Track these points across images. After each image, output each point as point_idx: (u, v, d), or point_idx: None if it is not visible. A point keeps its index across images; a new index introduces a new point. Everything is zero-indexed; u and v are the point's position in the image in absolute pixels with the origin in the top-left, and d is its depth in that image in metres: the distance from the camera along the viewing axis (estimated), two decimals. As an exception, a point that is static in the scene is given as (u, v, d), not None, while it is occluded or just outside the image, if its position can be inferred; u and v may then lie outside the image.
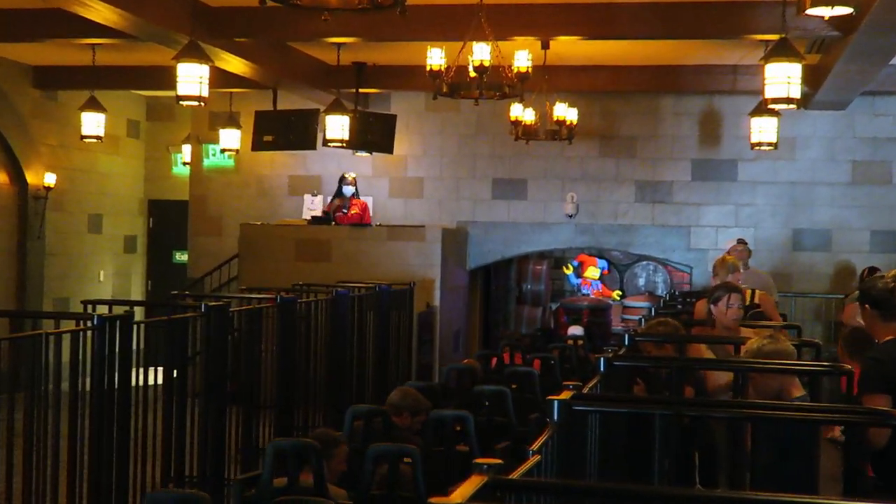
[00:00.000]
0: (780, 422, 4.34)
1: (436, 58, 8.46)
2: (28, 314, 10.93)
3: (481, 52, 8.17)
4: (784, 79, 8.13)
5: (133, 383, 6.19)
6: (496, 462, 2.59)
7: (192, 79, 8.62)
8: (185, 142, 15.35)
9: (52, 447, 5.64)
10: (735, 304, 6.69)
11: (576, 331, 14.36)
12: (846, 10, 7.15)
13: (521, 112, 11.22)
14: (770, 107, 8.56)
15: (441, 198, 14.07)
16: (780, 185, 13.45)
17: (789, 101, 8.21)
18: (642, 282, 18.27)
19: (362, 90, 12.99)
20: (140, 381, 6.47)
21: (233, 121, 13.91)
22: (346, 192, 12.91)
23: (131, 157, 16.09)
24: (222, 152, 14.16)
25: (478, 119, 13.87)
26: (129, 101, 15.83)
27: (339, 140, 11.65)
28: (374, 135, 12.75)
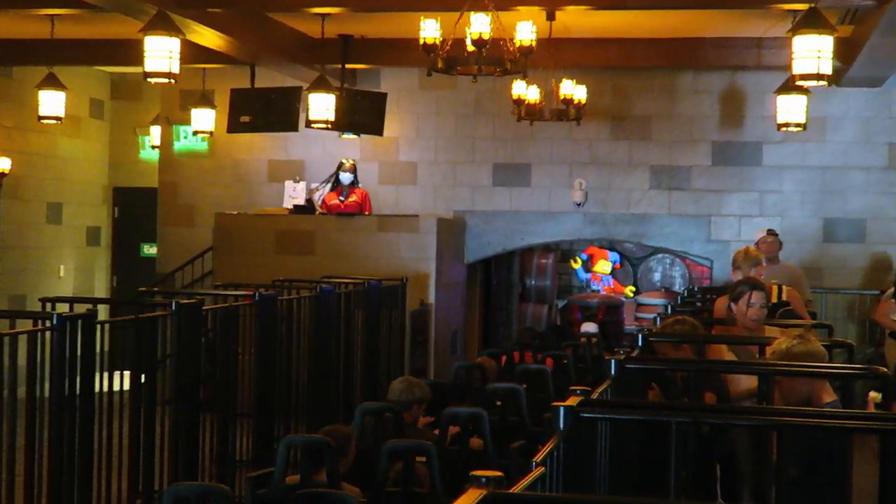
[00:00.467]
0: (810, 430, 4.34)
1: (430, 30, 8.45)
2: (-19, 313, 10.92)
3: (480, 24, 8.16)
4: (814, 53, 8.13)
5: (96, 389, 6.18)
6: (495, 475, 2.59)
7: (162, 53, 8.60)
8: (154, 123, 15.33)
9: (8, 460, 5.63)
10: (757, 302, 6.69)
11: (590, 328, 14.41)
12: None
13: (525, 90, 11.21)
14: (798, 84, 8.57)
15: (436, 184, 14.07)
16: (810, 170, 13.45)
17: (819, 77, 8.21)
18: (658, 277, 18.28)
19: (349, 66, 12.96)
20: (104, 387, 6.47)
21: (206, 100, 13.89)
22: (343, 179, 12.90)
23: (94, 139, 16.07)
24: (195, 134, 14.14)
25: (476, 98, 13.85)
26: (92, 79, 15.80)
27: (324, 121, 11.63)
28: (362, 115, 12.73)
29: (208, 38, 10.89)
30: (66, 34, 12.14)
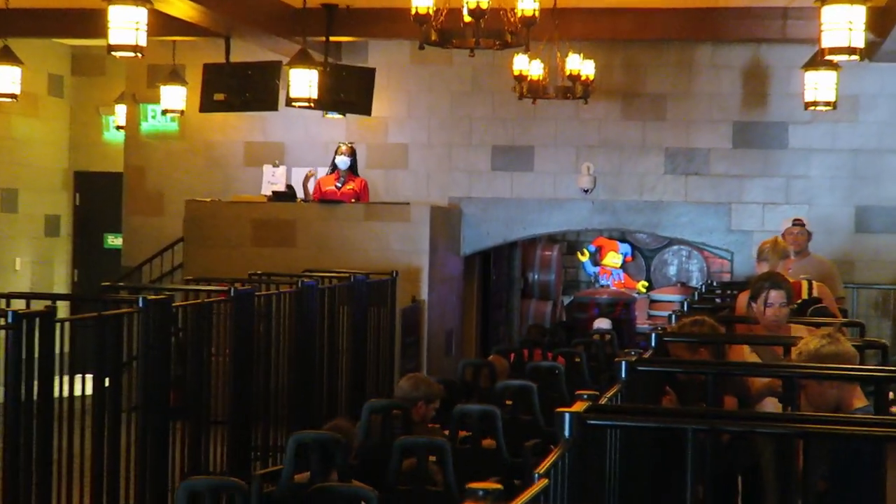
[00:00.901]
0: (839, 439, 4.35)
1: (423, -2, 8.44)
2: (-72, 311, 10.90)
3: (478, -8, 8.14)
4: (845, 24, 8.13)
5: (56, 394, 6.17)
6: (494, 487, 2.60)
7: (127, 24, 8.58)
8: (119, 101, 15.31)
9: (-42, 471, 5.63)
10: (776, 302, 6.68)
11: (603, 324, 14.47)
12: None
13: (527, 65, 11.20)
14: (828, 58, 8.56)
15: (429, 169, 14.07)
16: (840, 153, 13.46)
17: (851, 51, 8.21)
18: (673, 270, 18.30)
19: (333, 38, 12.95)
20: (64, 392, 6.46)
21: (176, 76, 13.87)
22: (339, 163, 12.88)
23: (53, 119, 16.04)
24: (164, 114, 14.12)
25: (474, 74, 13.85)
26: (51, 53, 15.77)
27: (306, 99, 11.62)
28: (348, 93, 12.72)
29: (179, 7, 10.87)
30: (22, 3, 12.11)
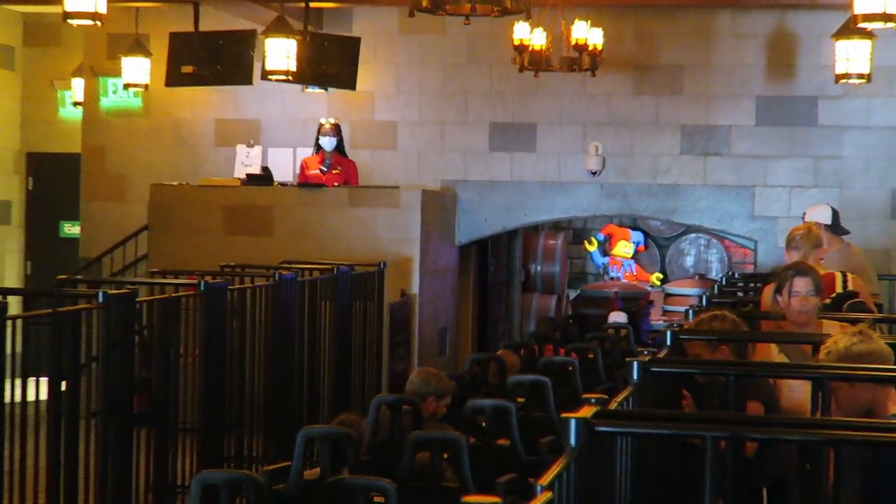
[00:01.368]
0: (873, 447, 4.36)
1: (413, -40, 8.44)
2: None
3: (474, -47, 8.15)
4: (880, -12, 8.13)
5: (7, 398, 6.17)
6: (494, 501, 2.61)
7: (85, -11, 8.57)
8: (76, 75, 15.28)
9: None
10: (802, 291, 6.71)
11: (618, 318, 14.52)
12: None
13: (528, 34, 11.19)
14: (861, 26, 8.56)
15: (420, 149, 14.07)
16: (876, 130, 13.47)
17: (886, 17, 8.21)
18: (690, 261, 18.33)
19: (314, 4, 12.94)
20: (16, 396, 6.46)
21: (140, 46, 13.84)
22: (324, 144, 12.86)
23: (3, 95, 16.02)
24: (126, 89, 14.10)
25: (469, 44, 13.84)
26: (0, 20, 15.73)
27: (284, 72, 11.61)
28: (330, 65, 12.70)
29: (142, -30, 10.86)
30: (-32, -34, 12.11)
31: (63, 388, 6.71)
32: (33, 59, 16.26)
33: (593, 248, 18.39)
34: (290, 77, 11.76)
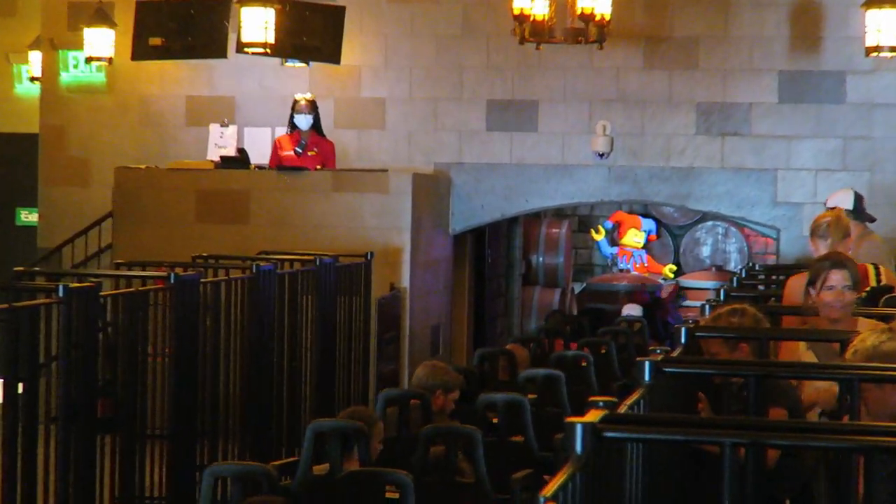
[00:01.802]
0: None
1: (403, -78, 8.44)
2: None
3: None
4: (914, -47, 8.14)
5: (-41, 402, 6.18)
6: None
7: (43, -47, 8.57)
8: (34, 47, 15.27)
9: None
10: (838, 284, 6.72)
11: (632, 311, 14.56)
12: None
13: (529, 2, 11.19)
14: (894, -6, 8.57)
15: (411, 129, 14.06)
16: (909, 109, 13.50)
17: (922, -15, 8.22)
18: (707, 251, 18.35)
19: (295, -30, 12.94)
20: (-31, 400, 6.46)
21: (103, 16, 13.82)
22: (299, 123, 12.82)
23: (-47, 69, 16.00)
24: (88, 63, 14.08)
25: (465, 13, 13.84)
26: (-50, -12, 15.72)
27: (261, 44, 11.60)
28: (312, 36, 12.70)
29: (106, -68, 10.85)
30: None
31: (20, 390, 6.70)
32: (-14, 30, 16.26)
33: (601, 237, 18.41)
34: (268, 50, 11.76)
